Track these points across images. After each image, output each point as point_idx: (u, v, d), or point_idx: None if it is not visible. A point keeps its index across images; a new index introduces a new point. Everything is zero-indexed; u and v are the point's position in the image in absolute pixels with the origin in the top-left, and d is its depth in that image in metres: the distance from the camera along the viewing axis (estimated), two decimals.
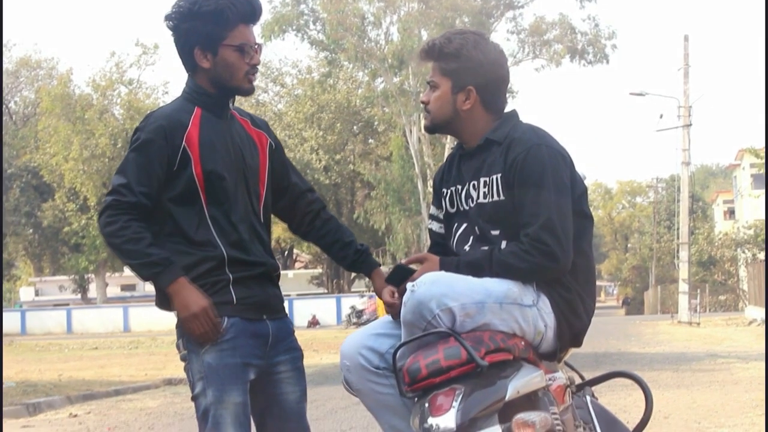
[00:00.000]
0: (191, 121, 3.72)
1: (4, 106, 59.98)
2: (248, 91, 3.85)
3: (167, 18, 3.77)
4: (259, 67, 3.82)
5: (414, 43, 40.63)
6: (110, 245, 3.66)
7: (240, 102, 58.05)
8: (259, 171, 3.90)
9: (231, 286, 3.71)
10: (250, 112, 4.03)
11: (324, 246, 4.14)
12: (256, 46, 3.79)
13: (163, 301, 3.74)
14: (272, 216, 4.07)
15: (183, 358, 3.76)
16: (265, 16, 47.81)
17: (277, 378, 3.85)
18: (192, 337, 3.65)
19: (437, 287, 3.61)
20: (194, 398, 3.73)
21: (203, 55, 3.74)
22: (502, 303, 3.67)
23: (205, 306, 3.61)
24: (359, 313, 45.39)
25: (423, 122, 4.17)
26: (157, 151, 3.66)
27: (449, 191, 4.03)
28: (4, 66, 59.04)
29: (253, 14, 3.78)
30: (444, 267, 3.80)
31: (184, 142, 3.68)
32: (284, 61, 68.08)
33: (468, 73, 3.89)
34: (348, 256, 4.10)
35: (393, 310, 3.85)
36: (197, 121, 3.73)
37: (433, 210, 4.17)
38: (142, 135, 3.69)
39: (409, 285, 3.65)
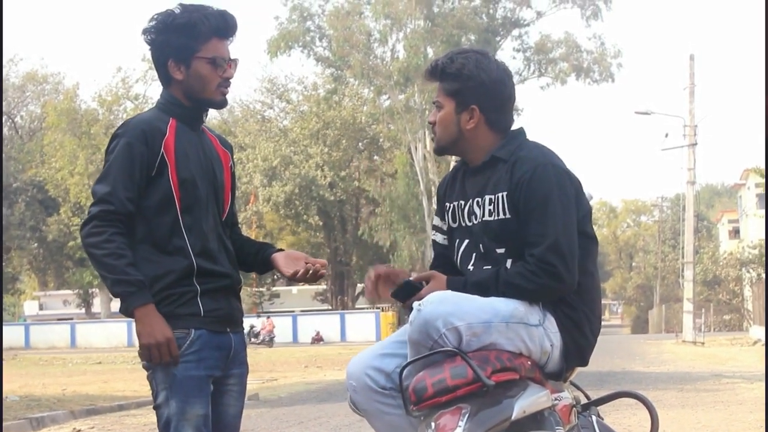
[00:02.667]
0: (168, 129, 3.78)
1: (10, 121, 60.14)
2: (221, 104, 3.91)
3: (144, 32, 3.84)
4: (265, 83, 3.85)
5: (420, 60, 40.75)
6: (90, 255, 3.67)
7: (246, 118, 58.26)
8: (224, 186, 3.96)
9: (199, 298, 3.75)
10: (255, 127, 4.05)
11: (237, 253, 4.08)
12: (229, 61, 3.85)
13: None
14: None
15: (147, 367, 3.78)
16: (272, 32, 48.07)
17: (223, 390, 3.87)
18: (147, 357, 3.68)
19: (444, 306, 3.61)
20: (156, 408, 3.76)
21: (176, 66, 3.81)
22: (508, 322, 3.66)
23: (170, 337, 3.65)
24: (256, 334, 45.64)
25: (433, 145, 4.16)
26: (139, 156, 3.70)
27: (452, 206, 4.03)
28: (11, 80, 59.23)
29: (226, 28, 3.85)
30: (451, 286, 3.79)
31: (162, 149, 3.73)
32: (290, 78, 68.21)
33: (470, 93, 3.89)
34: (250, 255, 4.06)
35: (371, 295, 3.89)
36: (173, 130, 3.79)
37: (436, 221, 4.17)
38: (122, 140, 3.71)
39: (415, 304, 3.65)
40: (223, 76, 3.83)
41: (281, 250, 4.07)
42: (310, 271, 3.93)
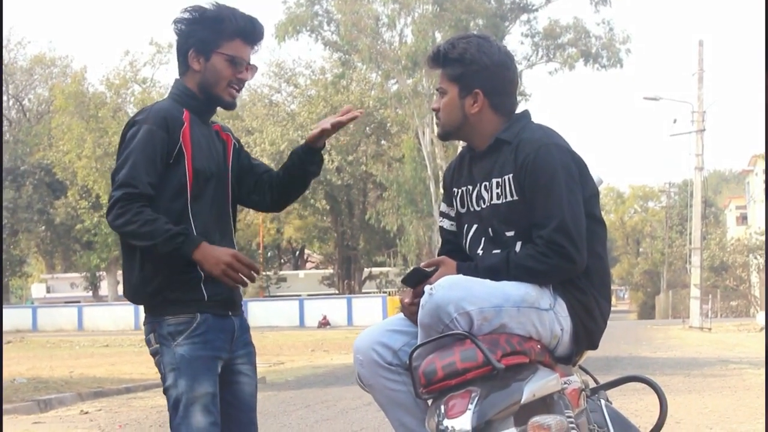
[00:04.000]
0: (184, 120, 3.84)
1: (18, 104, 60.17)
2: (228, 105, 3.95)
3: (175, 22, 3.92)
4: (273, 67, 3.87)
5: (428, 44, 40.61)
6: (126, 233, 3.70)
7: (254, 102, 58.24)
8: (228, 175, 4.01)
9: (202, 284, 3.80)
10: (263, 111, 4.05)
11: (285, 182, 4.09)
12: (248, 65, 3.92)
13: (137, 293, 3.83)
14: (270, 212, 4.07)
15: (154, 353, 3.84)
16: (279, 16, 48.02)
17: (235, 369, 3.94)
18: (233, 285, 3.73)
19: (455, 291, 3.62)
20: (166, 390, 3.81)
21: (196, 57, 3.88)
22: (519, 307, 3.67)
23: (234, 252, 3.73)
24: None
25: (437, 130, 4.16)
26: (160, 142, 3.75)
27: (460, 191, 4.04)
28: (19, 63, 59.25)
29: (253, 34, 3.91)
30: (461, 271, 3.79)
31: (181, 139, 3.79)
32: (298, 62, 67.96)
33: (474, 77, 3.89)
34: (294, 168, 4.06)
35: (412, 317, 3.82)
36: (188, 121, 3.85)
37: (443, 207, 4.17)
38: (145, 126, 3.76)
39: (427, 288, 3.66)
40: (238, 77, 3.89)
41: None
42: (345, 121, 3.97)
